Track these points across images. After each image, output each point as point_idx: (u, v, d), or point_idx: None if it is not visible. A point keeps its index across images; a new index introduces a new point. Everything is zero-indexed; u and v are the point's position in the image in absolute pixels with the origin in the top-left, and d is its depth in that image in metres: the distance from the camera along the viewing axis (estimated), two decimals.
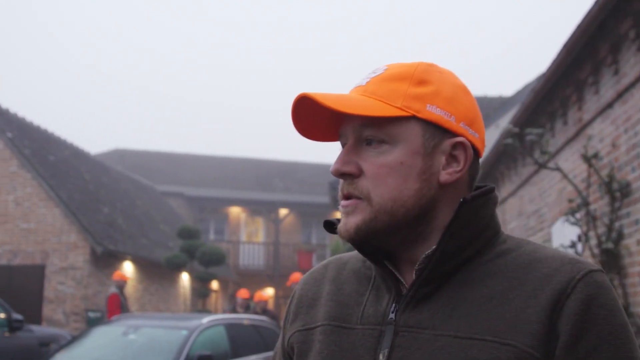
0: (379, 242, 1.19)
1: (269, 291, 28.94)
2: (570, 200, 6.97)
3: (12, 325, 10.45)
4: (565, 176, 6.97)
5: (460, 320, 1.11)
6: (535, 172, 9.25)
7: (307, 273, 1.42)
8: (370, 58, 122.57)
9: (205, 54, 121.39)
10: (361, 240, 1.18)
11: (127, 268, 18.52)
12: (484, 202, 1.18)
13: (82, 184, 19.23)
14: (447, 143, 1.17)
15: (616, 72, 6.58)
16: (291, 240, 31.79)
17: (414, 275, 1.17)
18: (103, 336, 8.39)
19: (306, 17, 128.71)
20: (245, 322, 9.50)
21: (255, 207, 31.86)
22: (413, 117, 1.16)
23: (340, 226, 1.20)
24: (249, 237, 32.64)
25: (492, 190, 1.20)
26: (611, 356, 1.06)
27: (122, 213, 20.62)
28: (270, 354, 9.15)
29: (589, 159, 6.46)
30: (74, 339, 8.66)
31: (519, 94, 16.31)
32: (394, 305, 1.19)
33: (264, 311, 13.55)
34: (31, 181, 17.01)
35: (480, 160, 1.26)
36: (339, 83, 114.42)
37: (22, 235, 16.99)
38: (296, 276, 13.64)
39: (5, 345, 10.28)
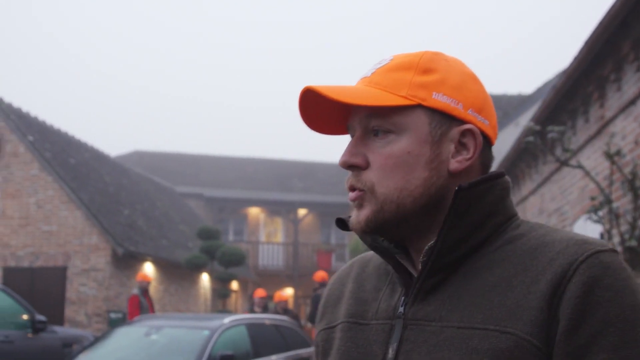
0: (390, 233, 1.19)
1: (289, 291, 28.96)
2: (593, 198, 6.92)
3: (35, 327, 10.53)
4: (587, 174, 6.92)
5: (465, 310, 1.09)
6: (557, 170, 9.20)
7: (335, 273, 1.42)
8: (371, 58, 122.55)
9: (221, 56, 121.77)
10: (372, 231, 1.17)
11: (148, 269, 18.60)
12: (487, 189, 1.15)
13: (103, 186, 19.34)
14: (456, 131, 1.16)
15: (639, 69, 6.53)
16: (310, 241, 31.79)
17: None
18: (125, 337, 8.44)
19: (316, 17, 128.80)
20: (267, 322, 9.51)
21: (274, 208, 31.90)
22: (419, 106, 1.15)
23: (351, 219, 1.19)
24: (268, 237, 32.69)
25: (497, 175, 1.17)
26: (617, 341, 1.00)
27: (142, 214, 20.72)
28: (291, 353, 9.16)
29: (612, 156, 6.41)
30: (96, 340, 8.71)
31: (538, 91, 16.22)
32: (403, 298, 1.18)
33: (285, 311, 13.55)
34: (52, 184, 17.14)
35: (498, 152, 1.24)
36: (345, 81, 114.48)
37: (44, 238, 17.12)
38: (321, 274, 13.50)
39: (29, 346, 10.36)
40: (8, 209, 17.39)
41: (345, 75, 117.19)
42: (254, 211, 32.17)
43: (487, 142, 1.20)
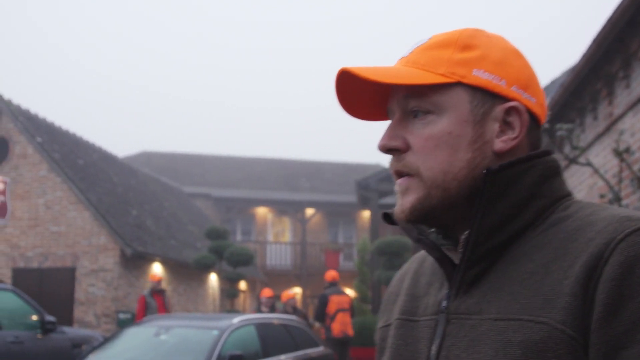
0: (436, 221, 1.13)
1: (296, 290, 28.96)
2: (602, 196, 6.91)
3: (45, 327, 10.56)
4: (596, 171, 6.91)
5: (503, 300, 1.02)
6: (565, 167, 9.18)
7: (400, 270, 1.38)
8: (371, 57, 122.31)
9: (225, 56, 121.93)
10: (417, 220, 1.12)
11: (156, 269, 18.64)
12: (525, 170, 1.07)
13: (111, 187, 19.39)
14: (499, 109, 1.10)
15: (628, 86, 6.52)
16: (318, 240, 31.79)
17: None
18: (135, 337, 8.45)
19: (316, 17, 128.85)
20: (275, 321, 9.51)
21: (281, 207, 31.92)
22: (459, 84, 1.09)
23: (396, 209, 1.14)
24: (275, 237, 32.72)
25: (537, 155, 1.10)
26: None
27: (151, 215, 20.76)
28: (300, 353, 9.17)
29: (621, 154, 6.40)
30: (106, 340, 8.73)
31: (546, 89, 16.16)
32: (447, 292, 1.12)
33: (294, 310, 13.54)
34: (61, 185, 17.20)
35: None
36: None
37: (53, 239, 17.17)
38: (332, 273, 13.37)
39: (39, 346, 10.39)
40: (17, 210, 17.45)
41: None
42: (262, 211, 32.20)
43: (535, 121, 1.14)
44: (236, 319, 8.36)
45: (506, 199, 1.06)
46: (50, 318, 10.73)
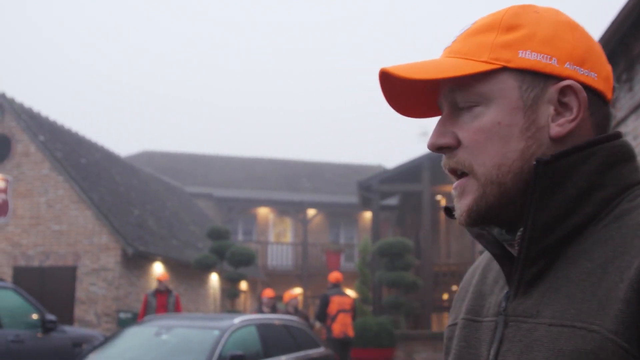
0: (498, 220, 1.05)
1: (297, 291, 28.98)
2: None
3: (45, 326, 10.57)
4: None
5: (559, 303, 0.94)
6: None
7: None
8: (373, 57, 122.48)
9: (226, 56, 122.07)
10: (476, 223, 1.05)
11: (158, 269, 18.65)
12: (584, 158, 0.98)
13: (113, 186, 19.41)
14: (553, 90, 1.01)
15: (630, 89, 6.51)
16: (319, 241, 31.81)
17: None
18: (136, 337, 8.46)
19: (333, 15, 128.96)
20: (277, 322, 9.51)
21: (283, 208, 31.94)
22: (504, 69, 1.02)
23: (456, 213, 1.07)
24: (277, 237, 32.74)
25: (599, 140, 1.00)
26: None
27: (152, 214, 20.78)
28: (301, 354, 9.17)
29: None
30: (106, 340, 8.73)
31: None
32: (506, 292, 1.05)
33: (296, 310, 13.54)
34: (63, 183, 17.21)
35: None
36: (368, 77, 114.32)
37: (54, 237, 17.19)
38: (335, 275, 13.40)
39: (39, 345, 10.39)
40: (19, 209, 17.47)
41: (349, 74, 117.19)
42: (263, 211, 32.23)
43: (600, 97, 1.03)
44: (237, 319, 8.36)
45: (562, 191, 0.97)
46: (50, 317, 10.73)
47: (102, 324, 16.44)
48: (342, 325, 12.18)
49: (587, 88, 1.01)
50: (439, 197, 24.19)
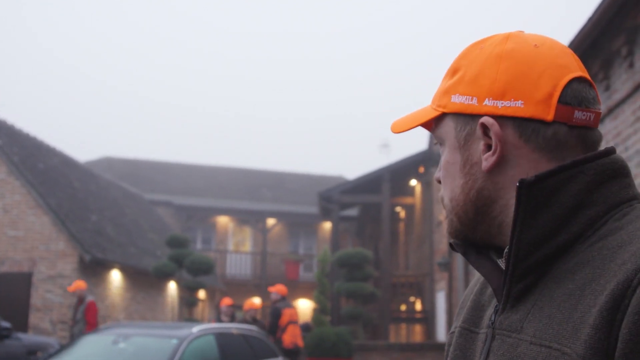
0: (470, 241, 1.13)
1: (257, 301, 28.91)
2: None
3: None
4: None
5: (541, 322, 0.95)
6: None
7: None
8: (337, 72, 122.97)
9: (195, 62, 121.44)
10: (458, 240, 1.15)
11: (115, 276, 18.47)
12: (570, 177, 0.99)
13: (71, 192, 19.18)
14: (478, 127, 1.06)
15: (607, 88, 6.66)
16: (278, 250, 31.80)
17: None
18: (92, 345, 8.37)
19: (299, 28, 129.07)
20: (235, 331, 9.50)
21: (243, 217, 31.86)
22: (445, 114, 1.11)
23: None
24: (236, 246, 32.63)
25: (587, 159, 1.00)
26: None
27: (111, 221, 20.57)
28: None
29: None
30: (62, 348, 8.63)
31: None
32: (496, 305, 1.07)
33: (254, 320, 13.55)
34: (20, 188, 16.96)
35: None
36: (330, 96, 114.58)
37: (10, 243, 16.91)
38: (279, 287, 13.73)
39: None
40: None
41: (312, 86, 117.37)
42: (223, 220, 32.11)
43: (537, 122, 1.02)
44: (195, 328, 8.33)
45: (549, 210, 0.98)
46: (5, 324, 10.59)
47: (57, 332, 16.21)
48: (292, 336, 12.60)
49: (514, 118, 1.03)
50: (398, 208, 24.36)
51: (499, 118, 1.04)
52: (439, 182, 1.17)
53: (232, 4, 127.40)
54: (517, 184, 0.98)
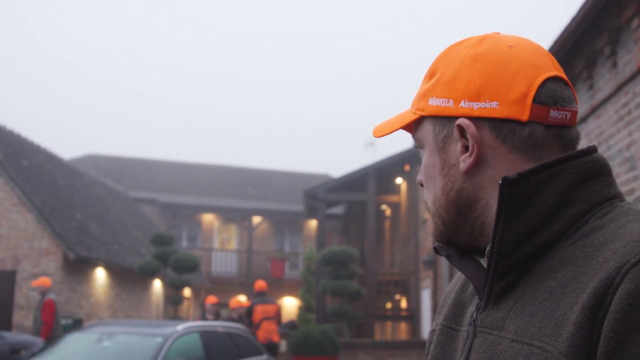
0: (454, 243, 1.13)
1: (242, 298, 28.89)
2: None
3: None
4: None
5: (523, 319, 0.95)
6: None
7: None
8: (325, 72, 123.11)
9: (178, 58, 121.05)
10: (438, 241, 1.15)
11: (100, 274, 18.41)
12: (552, 175, 0.99)
13: (55, 190, 19.09)
14: (454, 129, 1.07)
15: (590, 87, 6.69)
16: (264, 248, 31.79)
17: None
18: (76, 343, 8.33)
19: (283, 28, 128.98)
20: (220, 329, 9.49)
21: (228, 215, 31.82)
22: (423, 117, 1.11)
23: None
24: (221, 244, 32.58)
25: (568, 158, 1.01)
26: None
27: (95, 219, 20.49)
28: None
29: None
30: (46, 346, 8.60)
31: None
32: (477, 303, 1.08)
33: (240, 318, 13.56)
34: (3, 186, 16.86)
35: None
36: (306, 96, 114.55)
37: None
38: (260, 284, 14.01)
39: None
40: None
41: (300, 85, 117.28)
42: (208, 218, 32.06)
43: (512, 122, 1.03)
44: (180, 326, 8.32)
45: (530, 208, 0.99)
46: None
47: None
48: (266, 332, 12.94)
49: (489, 119, 1.04)
50: (383, 206, 24.39)
51: (475, 119, 1.04)
52: (422, 185, 1.17)
53: None
54: (500, 182, 0.98)
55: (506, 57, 1.05)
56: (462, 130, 1.05)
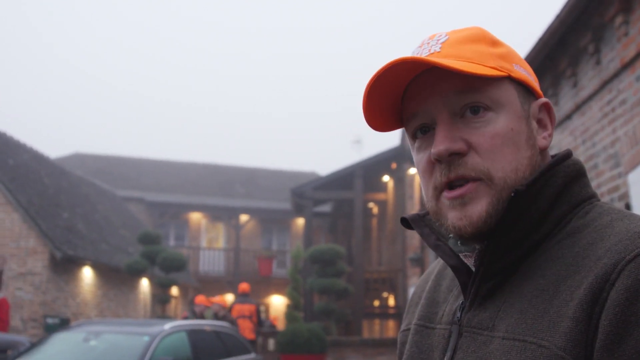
0: (501, 228, 1.01)
1: (229, 297, 28.85)
2: None
3: None
4: None
5: (513, 318, 0.96)
6: None
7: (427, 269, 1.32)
8: (311, 69, 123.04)
9: (167, 56, 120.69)
10: (482, 230, 1.01)
11: (87, 273, 18.35)
12: (546, 181, 1.01)
13: (42, 189, 19.01)
14: (535, 105, 1.07)
15: (575, 85, 6.74)
16: (252, 247, 31.75)
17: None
18: (63, 342, 8.31)
19: (272, 25, 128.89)
20: (207, 328, 9.49)
21: (216, 213, 31.77)
22: (508, 78, 1.05)
23: (454, 221, 1.02)
24: (209, 243, 32.53)
25: (557, 161, 1.04)
26: None
27: (82, 218, 20.42)
28: (232, 359, 9.16)
29: None
30: (33, 345, 8.57)
31: None
32: (461, 302, 1.08)
33: (224, 317, 13.59)
34: None
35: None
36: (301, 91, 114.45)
37: None
38: (242, 286, 14.41)
39: None
40: None
41: (286, 82, 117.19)
42: (196, 216, 32.00)
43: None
44: (167, 325, 8.31)
45: (528, 214, 1.00)
46: None
47: (28, 330, 16.07)
48: (241, 329, 13.63)
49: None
50: (370, 204, 24.43)
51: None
52: (454, 155, 1.02)
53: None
54: (512, 194, 0.98)
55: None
56: (540, 109, 1.09)
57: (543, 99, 1.08)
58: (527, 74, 1.08)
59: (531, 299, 0.95)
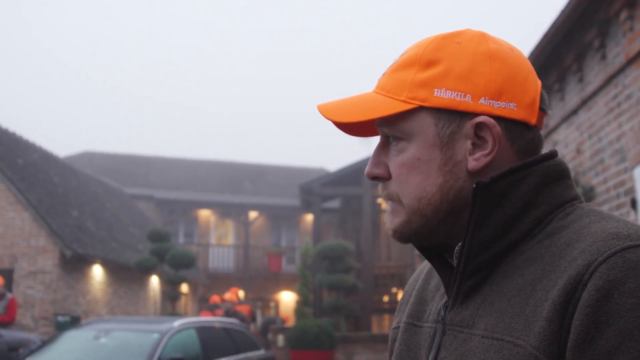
0: (424, 241, 1.10)
1: (239, 293, 28.93)
2: None
3: None
4: None
5: (492, 316, 0.98)
6: None
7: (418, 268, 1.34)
8: (318, 66, 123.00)
9: (175, 56, 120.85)
10: (403, 240, 1.10)
11: (97, 271, 18.44)
12: (520, 179, 1.01)
13: (51, 187, 19.10)
14: (469, 125, 1.03)
15: (581, 80, 6.74)
16: (261, 243, 31.78)
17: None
18: (74, 340, 8.37)
19: (279, 23, 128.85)
20: (216, 325, 9.53)
21: (225, 210, 31.80)
22: (422, 108, 1.04)
23: (386, 224, 1.13)
24: (218, 239, 32.57)
25: (536, 160, 1.04)
26: (636, 357, 0.83)
27: (92, 216, 20.51)
28: (241, 356, 9.21)
29: None
30: (44, 344, 8.63)
31: None
32: (445, 300, 1.10)
33: (235, 313, 13.60)
34: None
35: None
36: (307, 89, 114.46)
37: None
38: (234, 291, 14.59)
39: None
40: None
41: (294, 80, 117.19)
42: (205, 213, 32.05)
43: (522, 124, 1.05)
44: (177, 322, 8.36)
45: (500, 210, 1.01)
46: None
47: (39, 328, 16.17)
48: None
49: (505, 119, 1.03)
50: (379, 200, 24.42)
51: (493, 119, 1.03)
52: (377, 179, 1.11)
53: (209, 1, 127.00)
54: (474, 186, 1.00)
55: (516, 60, 1.06)
56: (478, 128, 1.03)
57: (479, 118, 1.02)
58: (457, 95, 1.03)
59: (510, 298, 0.97)
